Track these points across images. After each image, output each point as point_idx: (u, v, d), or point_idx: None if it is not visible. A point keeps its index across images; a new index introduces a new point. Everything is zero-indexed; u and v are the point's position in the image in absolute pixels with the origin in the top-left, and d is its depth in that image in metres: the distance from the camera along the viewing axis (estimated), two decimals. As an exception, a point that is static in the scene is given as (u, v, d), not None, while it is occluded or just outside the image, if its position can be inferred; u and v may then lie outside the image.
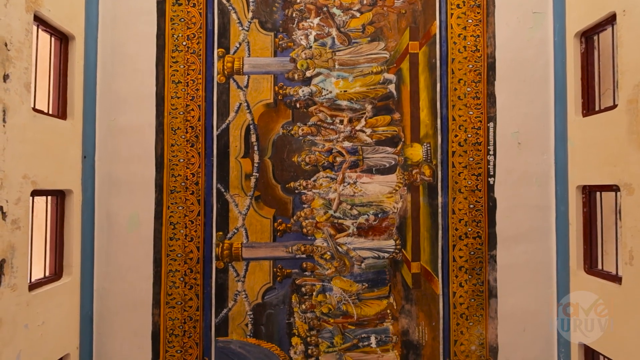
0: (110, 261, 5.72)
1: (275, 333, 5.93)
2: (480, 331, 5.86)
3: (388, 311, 5.98)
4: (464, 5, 5.94)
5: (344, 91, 6.05)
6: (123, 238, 5.76)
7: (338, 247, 5.99)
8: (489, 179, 5.89)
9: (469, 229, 5.89)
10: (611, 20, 4.90)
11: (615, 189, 4.89)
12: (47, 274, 5.16)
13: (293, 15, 6.05)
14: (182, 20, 5.91)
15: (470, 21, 5.94)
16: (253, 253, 5.95)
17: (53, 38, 5.24)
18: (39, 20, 4.78)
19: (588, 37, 5.42)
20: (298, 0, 6.03)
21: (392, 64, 6.07)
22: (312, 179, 6.01)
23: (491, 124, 5.90)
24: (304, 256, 5.98)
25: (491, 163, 5.89)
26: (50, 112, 5.12)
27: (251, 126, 5.99)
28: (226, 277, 5.90)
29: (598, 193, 5.34)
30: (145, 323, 5.77)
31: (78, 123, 5.50)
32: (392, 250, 5.99)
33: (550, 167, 5.82)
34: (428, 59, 6.00)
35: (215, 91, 5.95)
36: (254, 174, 5.98)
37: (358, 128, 6.04)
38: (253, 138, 5.99)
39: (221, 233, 5.92)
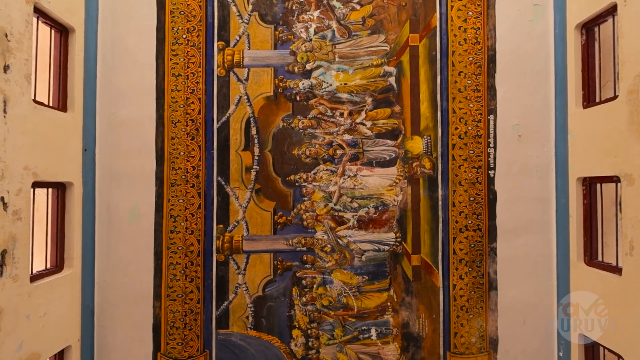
0: (111, 254, 5.74)
1: (275, 325, 5.95)
2: (480, 323, 5.87)
3: (388, 304, 5.99)
4: (465, -3, 5.94)
5: (344, 84, 6.04)
6: (124, 231, 5.77)
7: (338, 240, 6.00)
8: (489, 172, 5.89)
9: (469, 222, 5.89)
10: (612, 11, 4.89)
11: (615, 180, 4.89)
12: (49, 266, 5.18)
13: (293, 7, 6.04)
14: (182, 13, 5.91)
15: (470, 13, 5.93)
16: (253, 246, 5.95)
17: (53, 30, 5.24)
18: (39, 12, 4.79)
19: (589, 29, 5.42)
20: (298, -8, 6.04)
21: (393, 57, 6.06)
22: (313, 172, 6.01)
23: (491, 117, 5.90)
24: (305, 249, 5.99)
25: (491, 155, 5.89)
26: (50, 105, 5.13)
27: (251, 119, 5.99)
28: (227, 270, 5.91)
29: (598, 185, 5.34)
30: (146, 315, 5.78)
31: (78, 115, 5.50)
32: (393, 242, 6.00)
33: (550, 160, 5.82)
34: (428, 52, 5.99)
35: (215, 84, 5.95)
36: (255, 167, 5.98)
37: (358, 121, 6.04)
38: (253, 131, 5.99)
39: (222, 226, 5.93)
